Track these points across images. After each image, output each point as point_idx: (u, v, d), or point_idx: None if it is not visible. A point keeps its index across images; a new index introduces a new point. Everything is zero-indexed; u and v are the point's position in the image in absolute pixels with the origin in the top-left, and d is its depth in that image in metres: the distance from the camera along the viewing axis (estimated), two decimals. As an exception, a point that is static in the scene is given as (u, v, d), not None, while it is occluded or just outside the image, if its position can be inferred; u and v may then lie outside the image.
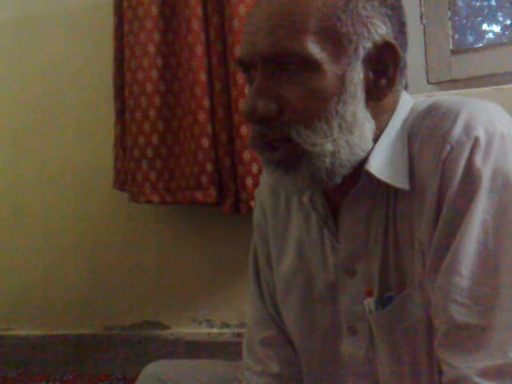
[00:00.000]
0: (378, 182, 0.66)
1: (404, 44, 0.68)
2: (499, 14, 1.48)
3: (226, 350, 1.35)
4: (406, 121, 0.68)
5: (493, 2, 1.49)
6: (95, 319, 1.47)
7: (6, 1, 1.50)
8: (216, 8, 1.20)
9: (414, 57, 1.29)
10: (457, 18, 1.41)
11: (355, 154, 0.65)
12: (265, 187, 0.84)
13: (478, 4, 1.49)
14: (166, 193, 1.29)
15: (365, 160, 0.66)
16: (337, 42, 0.63)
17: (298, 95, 0.63)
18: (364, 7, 0.64)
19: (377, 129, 0.67)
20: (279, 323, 0.81)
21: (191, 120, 1.23)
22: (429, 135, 0.64)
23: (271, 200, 0.81)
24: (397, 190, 0.66)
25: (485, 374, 0.58)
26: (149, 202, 1.30)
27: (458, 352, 0.60)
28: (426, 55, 1.31)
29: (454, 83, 1.28)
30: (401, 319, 0.67)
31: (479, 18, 1.47)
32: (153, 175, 1.28)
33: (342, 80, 0.63)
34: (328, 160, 0.64)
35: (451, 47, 1.29)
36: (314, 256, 0.75)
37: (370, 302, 0.69)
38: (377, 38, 0.64)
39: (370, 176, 0.66)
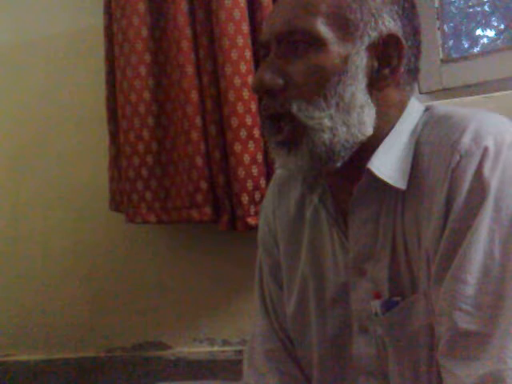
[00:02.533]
0: (383, 183, 0.68)
1: (416, 48, 0.72)
2: (493, 18, 1.49)
3: (228, 368, 1.34)
4: (416, 126, 0.71)
5: (486, 8, 1.50)
6: (96, 341, 1.47)
7: (-1, 27, 1.52)
8: (205, 28, 1.21)
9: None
10: (451, 24, 1.42)
11: (353, 134, 0.67)
12: (271, 198, 0.86)
13: (471, 10, 1.50)
14: (162, 212, 1.29)
15: (369, 159, 0.68)
16: (344, 27, 0.68)
17: (301, 70, 0.67)
18: (374, 0, 0.68)
19: (381, 123, 0.69)
20: (283, 338, 0.82)
21: (184, 139, 1.23)
22: (438, 144, 0.66)
23: (280, 209, 0.83)
24: (404, 194, 0.68)
25: (482, 382, 0.58)
26: (145, 222, 1.30)
27: (459, 360, 0.60)
28: (416, 65, 1.31)
29: (445, 92, 1.28)
30: (403, 325, 0.68)
31: (473, 24, 1.48)
32: (148, 195, 1.28)
33: (344, 61, 0.67)
34: (326, 136, 0.67)
35: (441, 56, 1.30)
36: (325, 257, 0.77)
37: (376, 305, 0.70)
38: (383, 29, 0.68)
39: (371, 175, 0.68)
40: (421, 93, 1.30)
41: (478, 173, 0.62)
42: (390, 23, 0.68)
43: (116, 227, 1.42)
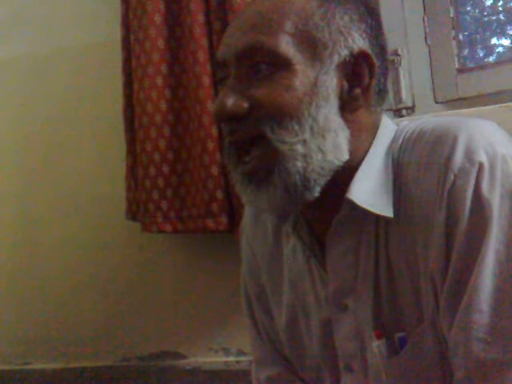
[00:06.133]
0: (364, 211, 0.64)
1: (384, 68, 0.68)
2: (508, 27, 1.48)
3: (242, 377, 1.33)
4: (390, 147, 0.67)
5: (501, 16, 1.50)
6: (112, 351, 1.47)
7: (16, 40, 1.54)
8: (221, 38, 1.22)
9: (420, 77, 1.31)
10: (466, 33, 1.41)
11: (329, 161, 0.63)
12: (249, 223, 0.81)
13: (486, 19, 1.50)
14: (178, 222, 1.29)
15: (347, 189, 0.64)
16: (312, 46, 0.64)
17: (270, 94, 0.62)
18: (342, 18, 0.65)
19: (354, 148, 0.65)
20: (281, 360, 0.79)
21: (200, 149, 1.24)
22: (426, 163, 0.63)
23: (258, 235, 0.79)
24: (388, 221, 0.64)
25: None
26: (161, 231, 1.30)
27: None
28: (432, 75, 1.31)
29: (461, 102, 1.28)
30: (416, 361, 0.65)
31: (488, 33, 1.47)
32: (164, 205, 1.29)
33: (314, 82, 0.63)
34: (299, 164, 0.62)
35: (457, 66, 1.30)
36: (305, 291, 0.73)
37: (380, 346, 0.65)
38: (353, 46, 0.65)
39: (352, 204, 0.64)
40: (436, 102, 1.30)
41: (477, 193, 0.59)
42: (359, 41, 0.65)
43: (132, 236, 1.43)
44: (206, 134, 1.23)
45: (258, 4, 0.66)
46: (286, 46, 0.63)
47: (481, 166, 0.60)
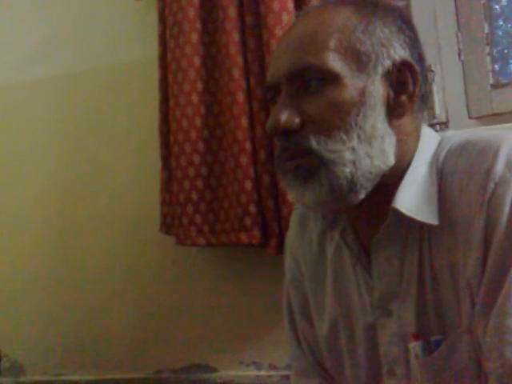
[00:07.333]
0: (409, 218, 0.66)
1: (424, 75, 0.71)
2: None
3: (274, 393, 1.33)
4: (435, 156, 0.69)
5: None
6: (145, 363, 1.49)
7: (55, 58, 1.59)
8: (256, 56, 1.25)
9: (454, 92, 1.31)
10: (498, 48, 1.41)
11: (376, 165, 0.66)
12: (294, 234, 0.84)
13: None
14: (212, 235, 1.31)
15: (393, 196, 0.66)
16: (357, 59, 0.67)
17: (319, 108, 0.66)
18: (382, 30, 0.68)
19: (401, 153, 0.68)
20: (320, 372, 0.81)
21: (234, 164, 1.26)
22: (469, 173, 0.65)
23: (303, 244, 0.82)
24: (431, 228, 0.66)
25: None
26: (195, 244, 1.32)
27: None
28: (466, 90, 1.31)
29: (495, 117, 1.27)
30: (449, 364, 0.66)
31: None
32: (198, 218, 1.31)
33: (361, 93, 0.66)
34: (348, 169, 0.65)
35: (491, 82, 1.29)
36: (351, 296, 0.75)
37: (416, 347, 0.67)
38: (396, 57, 0.68)
39: (397, 213, 0.66)
40: (470, 118, 1.30)
41: None
42: (400, 51, 0.68)
43: (166, 250, 1.45)
44: (240, 149, 1.25)
45: (302, 24, 0.70)
46: (333, 61, 0.66)
47: None
